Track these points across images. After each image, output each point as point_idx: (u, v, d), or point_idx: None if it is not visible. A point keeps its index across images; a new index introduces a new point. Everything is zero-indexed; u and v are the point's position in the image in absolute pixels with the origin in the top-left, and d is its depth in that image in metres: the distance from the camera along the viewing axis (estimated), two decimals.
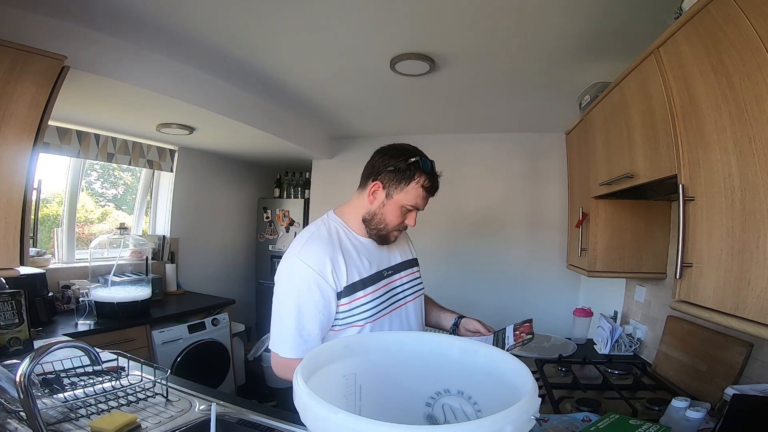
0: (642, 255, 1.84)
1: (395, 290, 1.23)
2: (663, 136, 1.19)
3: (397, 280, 1.24)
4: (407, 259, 1.31)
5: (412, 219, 1.18)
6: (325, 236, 1.14)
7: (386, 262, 1.23)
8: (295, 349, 1.05)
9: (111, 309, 2.33)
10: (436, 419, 0.79)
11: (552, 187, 3.12)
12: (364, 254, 1.17)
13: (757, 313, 0.81)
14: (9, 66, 1.42)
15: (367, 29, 1.69)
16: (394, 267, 1.25)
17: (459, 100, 2.57)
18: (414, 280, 1.31)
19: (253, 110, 2.64)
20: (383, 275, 1.19)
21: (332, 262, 1.08)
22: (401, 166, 1.13)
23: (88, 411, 1.08)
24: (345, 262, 1.10)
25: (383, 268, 1.20)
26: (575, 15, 1.50)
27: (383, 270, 1.20)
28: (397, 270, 1.25)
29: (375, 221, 1.17)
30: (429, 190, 1.15)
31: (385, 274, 1.20)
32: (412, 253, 1.35)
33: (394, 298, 1.22)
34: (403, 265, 1.28)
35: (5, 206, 1.42)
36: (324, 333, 1.10)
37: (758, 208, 0.82)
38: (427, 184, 1.14)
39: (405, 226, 1.20)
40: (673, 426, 1.07)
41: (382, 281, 1.18)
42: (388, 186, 1.14)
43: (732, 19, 0.89)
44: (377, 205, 1.16)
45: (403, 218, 1.17)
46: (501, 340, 1.23)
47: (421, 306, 1.33)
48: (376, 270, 1.18)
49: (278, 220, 4.04)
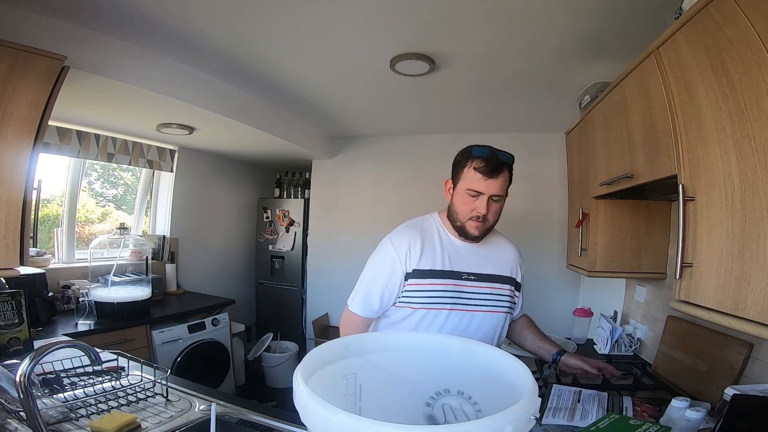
0: (642, 255, 1.84)
1: (467, 294, 1.25)
2: (663, 135, 1.19)
3: (475, 287, 1.27)
4: (501, 274, 1.31)
5: (480, 205, 1.20)
6: (417, 226, 1.31)
7: (472, 267, 1.27)
8: (359, 307, 1.28)
9: (111, 309, 2.33)
10: (436, 419, 0.79)
11: (552, 187, 3.12)
12: (448, 251, 1.27)
13: (757, 313, 0.81)
14: (9, 66, 1.42)
15: (367, 29, 1.69)
16: (479, 275, 1.28)
17: (459, 100, 2.57)
18: (498, 295, 1.29)
19: (253, 110, 2.64)
20: (461, 276, 1.25)
21: (411, 246, 1.24)
22: (457, 158, 1.28)
23: (88, 411, 1.08)
24: (422, 249, 1.25)
25: (464, 270, 1.26)
26: (575, 15, 1.50)
27: (463, 272, 1.26)
28: (481, 278, 1.28)
29: (452, 214, 1.27)
30: (483, 171, 1.19)
31: (463, 275, 1.26)
32: (512, 273, 1.34)
33: (462, 300, 1.24)
34: (491, 278, 1.29)
35: (5, 206, 1.42)
36: (384, 304, 1.26)
37: (758, 208, 0.82)
38: (478, 165, 1.20)
39: (478, 216, 1.21)
40: (673, 426, 1.07)
41: (455, 279, 1.24)
42: (454, 179, 1.28)
43: (732, 19, 0.89)
44: (450, 199, 1.29)
45: (472, 205, 1.21)
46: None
47: (497, 323, 1.31)
48: (455, 269, 1.26)
49: (278, 220, 4.04)
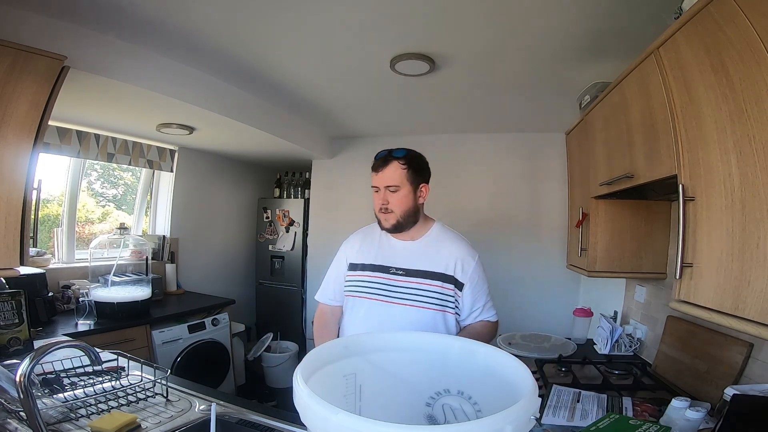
0: (642, 255, 1.84)
1: (392, 287, 1.35)
2: (663, 136, 1.19)
3: (401, 281, 1.35)
4: (431, 270, 1.34)
5: (379, 197, 1.36)
6: (366, 229, 1.51)
7: (401, 263, 1.37)
8: (319, 294, 1.54)
9: (111, 309, 2.33)
10: (436, 419, 0.79)
11: (552, 187, 3.12)
12: (383, 249, 1.41)
13: (757, 313, 0.81)
14: (9, 66, 1.42)
15: (367, 29, 1.69)
16: (407, 270, 1.35)
17: (459, 100, 2.57)
18: (424, 290, 1.32)
19: (253, 110, 2.64)
20: (389, 270, 1.37)
21: (352, 244, 1.49)
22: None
23: (88, 411, 1.08)
24: (360, 246, 1.46)
25: (392, 265, 1.37)
26: (575, 15, 1.50)
27: (391, 266, 1.37)
28: (409, 274, 1.35)
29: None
30: (374, 168, 1.37)
31: (391, 270, 1.37)
32: (447, 269, 1.34)
33: (386, 292, 1.35)
34: (419, 273, 1.34)
35: (5, 206, 1.42)
36: (337, 291, 1.49)
37: (758, 208, 0.82)
38: (373, 165, 1.38)
39: (381, 207, 1.35)
40: (673, 426, 1.07)
41: (383, 273, 1.37)
42: None
43: (732, 19, 0.89)
44: None
45: (376, 200, 1.37)
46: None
47: (427, 319, 1.31)
48: (384, 263, 1.38)
49: (278, 220, 4.04)
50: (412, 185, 1.34)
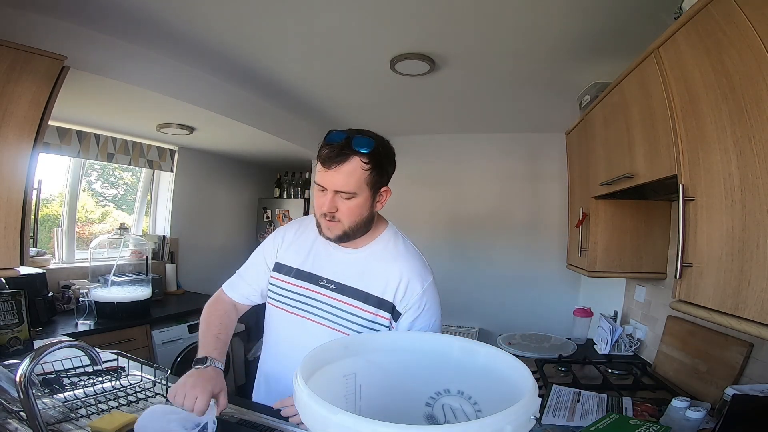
0: (642, 255, 1.84)
1: (318, 302, 1.09)
2: (663, 136, 1.19)
3: (330, 297, 1.08)
4: (367, 291, 1.07)
5: (324, 201, 1.00)
6: (304, 222, 1.22)
7: (335, 275, 1.09)
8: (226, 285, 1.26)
9: (111, 309, 2.33)
10: (436, 419, 0.79)
11: (552, 187, 3.12)
12: (317, 252, 1.13)
13: (757, 313, 0.81)
14: (9, 66, 1.42)
15: (367, 29, 1.69)
16: (340, 285, 1.08)
17: (459, 100, 2.57)
18: (353, 315, 1.06)
19: (253, 110, 2.64)
20: (318, 281, 1.10)
21: (284, 236, 1.20)
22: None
23: (88, 411, 1.08)
24: (291, 242, 1.18)
25: (324, 275, 1.10)
26: (575, 15, 1.50)
27: (323, 277, 1.10)
28: (340, 290, 1.08)
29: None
30: (322, 160, 0.98)
31: (321, 281, 1.10)
32: (385, 294, 1.06)
33: (309, 307, 1.10)
34: (354, 293, 1.07)
35: (5, 206, 1.42)
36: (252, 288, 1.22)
37: (758, 208, 0.82)
38: (322, 153, 0.97)
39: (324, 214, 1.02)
40: (673, 426, 1.07)
41: (310, 283, 1.10)
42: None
43: (732, 19, 0.89)
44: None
45: (320, 201, 1.02)
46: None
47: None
48: (314, 272, 1.11)
49: (278, 220, 4.04)
50: (372, 190, 1.02)
